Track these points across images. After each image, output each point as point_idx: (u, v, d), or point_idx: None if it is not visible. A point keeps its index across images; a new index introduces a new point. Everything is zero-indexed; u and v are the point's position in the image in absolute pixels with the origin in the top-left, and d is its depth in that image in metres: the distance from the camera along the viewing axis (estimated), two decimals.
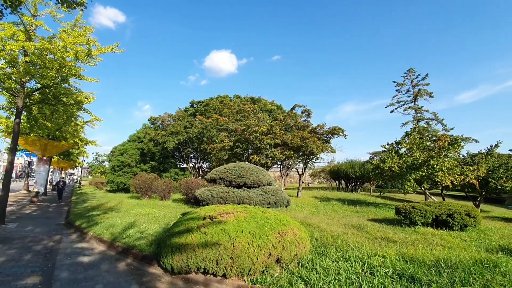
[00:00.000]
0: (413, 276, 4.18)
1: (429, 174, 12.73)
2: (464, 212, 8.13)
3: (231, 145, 21.43)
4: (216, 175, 13.37)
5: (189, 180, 15.86)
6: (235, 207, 5.53)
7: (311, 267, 4.52)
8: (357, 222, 9.13)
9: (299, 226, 5.17)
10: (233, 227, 4.40)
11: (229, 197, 11.78)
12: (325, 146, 19.05)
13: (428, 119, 34.84)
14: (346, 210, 13.02)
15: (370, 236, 7.10)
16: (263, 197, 12.14)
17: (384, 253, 5.30)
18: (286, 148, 19.44)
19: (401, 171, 13.23)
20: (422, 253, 5.34)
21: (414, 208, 8.64)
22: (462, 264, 4.64)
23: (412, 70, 37.15)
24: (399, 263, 4.78)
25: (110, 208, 12.14)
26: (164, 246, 4.66)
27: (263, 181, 12.99)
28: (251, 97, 41.42)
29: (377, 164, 14.72)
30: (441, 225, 8.28)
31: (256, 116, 23.39)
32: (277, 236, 4.40)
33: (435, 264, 4.69)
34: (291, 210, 12.30)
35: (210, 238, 4.26)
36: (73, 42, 9.14)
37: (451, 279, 4.08)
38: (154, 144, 29.54)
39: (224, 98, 38.46)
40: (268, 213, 5.17)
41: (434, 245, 6.25)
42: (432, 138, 15.11)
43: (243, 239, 4.13)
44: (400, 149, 14.65)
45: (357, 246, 5.81)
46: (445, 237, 7.05)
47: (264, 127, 19.53)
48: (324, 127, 20.51)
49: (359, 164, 28.47)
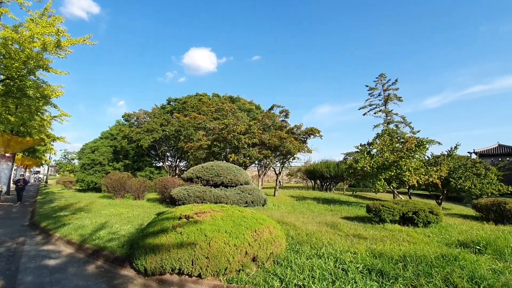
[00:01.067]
0: (382, 271, 4.41)
1: (397, 174, 13.51)
2: (428, 209, 8.72)
3: (209, 144, 21.20)
4: (193, 174, 13.17)
5: (165, 179, 15.46)
6: (212, 206, 5.50)
7: (287, 265, 4.62)
8: (331, 220, 9.43)
9: (275, 225, 5.26)
10: (209, 226, 4.37)
11: (206, 196, 11.66)
12: (302, 146, 19.46)
13: (397, 122, 36.85)
14: (321, 209, 13.40)
15: (343, 233, 7.37)
16: (241, 196, 12.16)
17: (356, 250, 5.53)
18: (264, 148, 19.60)
19: (372, 171, 13.90)
20: (390, 249, 5.64)
21: (383, 206, 9.11)
22: (426, 258, 4.95)
23: (384, 75, 39.06)
24: (369, 258, 5.01)
25: (79, 208, 11.53)
26: (138, 247, 4.52)
27: (241, 180, 13.00)
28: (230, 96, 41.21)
29: (350, 164, 15.32)
30: (407, 222, 8.81)
31: (234, 115, 23.32)
32: (253, 235, 4.45)
33: (402, 259, 4.96)
34: (268, 209, 12.44)
35: (186, 238, 4.21)
36: (41, 32, 8.55)
37: (416, 273, 4.36)
38: (128, 142, 28.41)
39: (203, 96, 37.92)
40: (245, 212, 5.21)
41: (401, 241, 6.63)
42: (401, 140, 16.02)
43: (219, 239, 4.13)
44: (372, 150, 15.39)
45: (330, 243, 6.01)
46: (411, 233, 7.49)
47: (243, 126, 19.54)
48: (301, 127, 20.94)
49: (333, 164, 29.39)
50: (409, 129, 35.12)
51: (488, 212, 10.79)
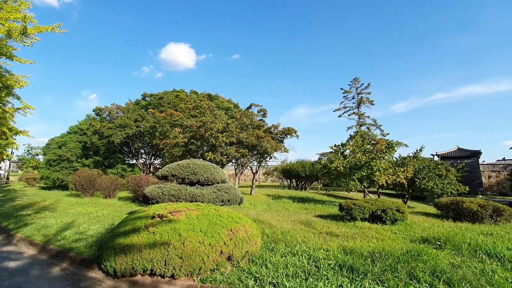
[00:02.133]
0: (352, 267, 4.59)
1: (368, 174, 14.16)
2: (395, 208, 9.22)
3: (186, 141, 20.76)
4: (168, 172, 12.82)
5: (138, 177, 14.91)
6: (187, 205, 5.40)
7: (261, 263, 4.66)
8: (305, 218, 9.65)
9: (251, 224, 5.28)
10: (184, 225, 4.29)
11: (182, 195, 11.42)
12: (278, 145, 19.70)
13: (369, 125, 38.52)
14: (296, 207, 13.67)
15: (316, 231, 7.58)
16: (217, 195, 12.05)
17: (328, 247, 5.71)
18: (241, 147, 19.58)
19: (345, 171, 14.45)
20: (360, 246, 5.90)
21: (354, 205, 9.50)
22: (392, 254, 5.22)
23: (357, 79, 40.69)
24: (341, 255, 5.20)
25: (44, 207, 10.81)
26: (107, 247, 4.32)
27: (217, 178, 12.89)
28: (208, 94, 40.63)
29: (325, 164, 15.80)
30: (376, 220, 9.26)
31: (212, 113, 23.04)
32: (229, 233, 4.43)
33: (371, 255, 5.21)
34: (244, 208, 12.46)
35: (159, 237, 4.09)
36: (5, 17, 7.88)
37: (383, 268, 4.59)
38: (99, 138, 26.97)
39: (180, 93, 37.02)
40: (221, 211, 5.17)
41: (370, 238, 6.94)
42: (372, 142, 16.82)
43: (194, 238, 4.06)
44: (345, 150, 15.99)
45: (304, 241, 6.15)
46: (379, 231, 7.88)
47: (221, 124, 19.37)
48: (279, 127, 21.20)
49: (309, 163, 30.11)
50: (379, 132, 36.88)
51: (448, 210, 11.65)
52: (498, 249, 5.81)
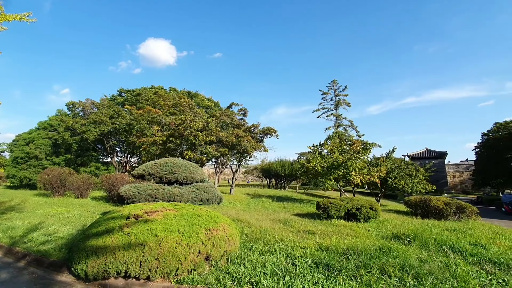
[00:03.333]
0: (328, 264, 4.72)
1: (345, 173, 14.64)
2: (369, 206, 9.61)
3: (164, 139, 20.23)
4: (144, 170, 12.44)
5: (113, 176, 14.33)
6: (164, 205, 5.28)
7: (240, 262, 4.66)
8: (284, 217, 9.79)
9: (230, 223, 5.27)
10: (161, 226, 4.19)
11: (159, 195, 11.13)
12: (258, 145, 19.79)
13: (346, 126, 39.84)
14: (275, 206, 13.83)
15: (294, 229, 7.71)
16: (196, 194, 11.88)
17: (305, 245, 5.84)
18: (221, 146, 19.44)
19: (323, 170, 14.83)
20: (336, 243, 6.08)
21: (331, 203, 9.78)
22: (365, 251, 5.45)
23: (335, 81, 41.92)
24: (317, 252, 5.33)
25: (10, 207, 10.19)
26: (78, 250, 4.13)
27: (196, 177, 12.70)
28: (188, 92, 39.89)
29: (303, 164, 16.12)
30: (351, 218, 9.60)
31: (192, 111, 22.65)
32: (207, 233, 4.39)
33: (346, 252, 5.38)
34: (224, 207, 12.40)
35: (134, 238, 3.97)
36: None
37: (357, 264, 4.77)
38: (72, 134, 25.60)
39: (159, 90, 36.01)
40: (199, 211, 5.11)
41: (345, 235, 7.18)
42: (348, 143, 17.38)
43: (171, 239, 3.98)
44: (323, 150, 16.41)
45: (282, 240, 6.24)
46: (354, 228, 8.17)
47: (200, 123, 19.09)
48: (259, 126, 21.29)
49: (288, 163, 30.54)
50: (355, 133, 38.26)
51: (417, 208, 12.34)
52: (461, 244, 6.25)
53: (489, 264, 5.17)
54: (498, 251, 5.86)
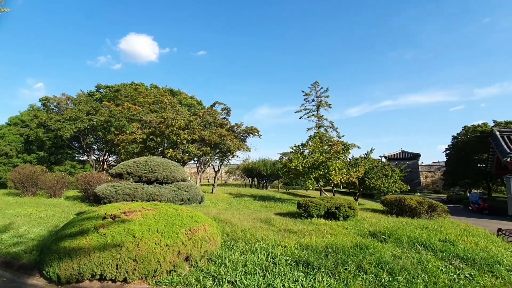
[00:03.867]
0: (308, 262, 4.82)
1: (325, 173, 14.98)
2: (347, 205, 9.90)
3: (144, 137, 19.68)
4: (123, 169, 12.04)
5: (89, 175, 13.75)
6: (143, 205, 5.15)
7: (221, 262, 4.65)
8: (265, 216, 9.85)
9: (211, 222, 5.23)
10: (139, 226, 4.08)
11: (138, 194, 10.82)
12: (241, 144, 19.78)
13: (327, 127, 40.70)
14: (256, 206, 13.88)
15: (276, 228, 7.78)
16: (176, 194, 11.67)
17: (286, 243, 5.91)
18: (203, 145, 19.22)
19: (304, 170, 15.08)
20: (315, 241, 6.21)
21: (311, 202, 9.97)
22: (344, 248, 5.61)
23: (317, 83, 42.78)
24: (297, 251, 5.42)
25: None
26: (50, 252, 3.93)
27: (177, 176, 12.48)
28: (170, 89, 39.08)
29: (285, 164, 16.30)
30: (331, 216, 9.84)
31: (174, 109, 22.21)
32: (188, 233, 4.33)
33: (325, 249, 5.52)
34: (205, 207, 12.28)
35: (111, 239, 3.84)
36: None
37: (336, 262, 4.90)
38: (45, 131, 24.30)
39: (139, 86, 34.98)
40: (180, 210, 5.03)
41: (324, 233, 7.35)
42: (329, 143, 17.78)
43: (150, 239, 3.89)
44: (305, 150, 16.70)
45: (263, 239, 6.28)
46: (333, 226, 8.38)
47: (182, 121, 18.77)
48: (242, 126, 21.28)
49: (270, 163, 30.73)
50: (336, 134, 39.17)
51: (392, 207, 12.85)
52: (432, 241, 6.58)
53: (457, 260, 5.50)
54: (465, 247, 6.23)
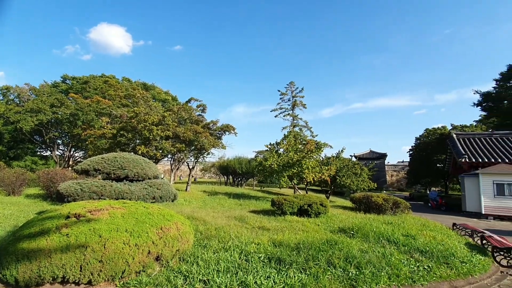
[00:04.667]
0: (280, 258, 4.92)
1: (299, 171, 15.33)
2: (319, 202, 10.23)
3: (114, 133, 18.72)
4: (90, 165, 11.38)
5: (52, 171, 12.84)
6: (111, 203, 4.91)
7: (193, 261, 4.59)
8: (240, 214, 9.87)
9: (183, 221, 5.13)
10: (106, 225, 3.89)
11: (106, 192, 10.29)
12: (217, 142, 19.57)
13: (301, 126, 41.67)
14: (231, 203, 13.85)
15: (250, 226, 7.83)
16: (148, 191, 11.28)
17: (259, 241, 5.97)
18: (178, 141, 18.74)
19: (278, 168, 15.31)
20: (288, 238, 6.35)
21: (285, 200, 10.17)
22: (314, 244, 5.79)
23: (293, 83, 43.64)
24: (270, 248, 5.51)
25: None
26: (7, 253, 3.62)
27: (149, 174, 12.06)
28: (144, 83, 37.65)
29: (260, 162, 16.43)
30: (303, 214, 10.10)
31: (147, 104, 21.39)
32: (159, 232, 4.21)
33: (297, 246, 5.66)
34: (178, 205, 12.02)
35: (74, 240, 3.62)
36: None
37: (307, 257, 5.05)
38: (4, 123, 22.23)
39: (110, 79, 33.24)
40: (151, 209, 4.87)
41: (297, 230, 7.53)
42: (303, 142, 18.21)
43: (117, 239, 3.73)
44: (279, 149, 16.95)
45: (237, 236, 6.29)
46: (305, 223, 8.61)
47: (156, 117, 18.13)
48: (217, 123, 21.05)
49: (245, 161, 30.77)
50: (310, 133, 40.16)
51: (360, 204, 13.49)
52: (396, 235, 7.02)
53: (417, 253, 5.92)
54: (424, 241, 6.73)
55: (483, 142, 21.77)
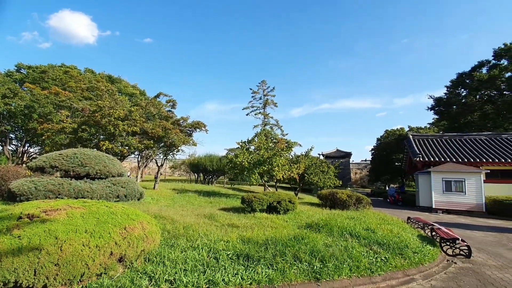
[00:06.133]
0: (248, 255, 4.99)
1: (269, 169, 15.58)
2: (288, 199, 10.52)
3: (75, 127, 17.41)
4: (46, 162, 10.49)
5: (4, 168, 11.60)
6: (69, 202, 4.60)
7: (159, 261, 4.49)
8: (210, 211, 9.81)
9: (150, 220, 4.98)
10: (63, 226, 3.65)
11: (64, 191, 9.58)
12: (187, 139, 19.13)
13: (272, 124, 42.41)
14: (201, 201, 13.66)
15: (219, 223, 7.83)
16: (111, 190, 10.71)
17: (229, 238, 6.00)
18: (146, 138, 17.99)
19: (249, 166, 15.42)
20: (257, 235, 6.46)
21: (255, 197, 10.30)
22: (282, 240, 5.96)
23: (265, 81, 44.19)
24: (239, 245, 5.56)
25: None
26: None
27: (113, 171, 11.44)
28: (109, 75, 35.48)
29: (231, 159, 16.42)
30: (272, 210, 10.32)
31: (112, 98, 20.17)
32: (122, 232, 4.04)
33: (265, 242, 5.78)
34: (145, 203, 11.58)
35: (27, 242, 3.35)
36: None
37: (274, 253, 5.18)
38: None
39: (71, 69, 30.82)
40: (114, 208, 4.65)
41: (266, 227, 7.68)
42: (274, 140, 18.53)
43: (76, 240, 3.52)
44: (250, 147, 17.08)
45: (206, 234, 6.26)
46: (274, 220, 8.82)
47: (122, 111, 17.20)
48: (188, 120, 20.57)
49: (217, 158, 30.49)
50: (280, 132, 41.05)
51: (327, 200, 14.11)
52: (357, 229, 7.47)
53: (376, 245, 6.36)
54: (382, 234, 7.24)
55: (435, 143, 23.91)
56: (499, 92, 33.99)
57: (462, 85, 36.74)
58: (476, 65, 35.85)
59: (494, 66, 33.79)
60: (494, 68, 33.37)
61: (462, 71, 37.17)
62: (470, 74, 35.46)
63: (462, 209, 16.89)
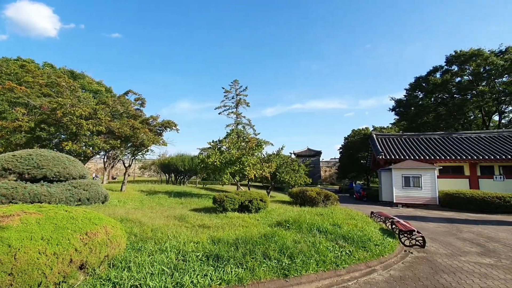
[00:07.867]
0: (218, 255, 4.99)
1: (240, 168, 15.62)
2: (259, 198, 10.67)
3: (33, 126, 16.01)
4: None
5: None
6: (24, 208, 4.26)
7: (124, 266, 4.33)
8: (180, 213, 9.61)
9: (114, 224, 4.78)
10: (17, 233, 3.38)
11: (18, 195, 8.79)
12: (157, 138, 18.50)
13: (245, 124, 42.55)
14: (171, 202, 13.33)
15: (190, 224, 7.71)
16: (72, 193, 10.03)
17: (199, 239, 5.95)
18: (112, 137, 17.08)
19: (221, 166, 15.34)
20: (227, 234, 6.47)
21: (226, 197, 10.30)
22: (252, 239, 6.03)
23: (237, 81, 44.15)
24: (209, 245, 5.54)
25: None
26: None
27: (74, 173, 10.73)
28: (71, 71, 33.16)
29: (203, 159, 16.21)
30: (244, 210, 10.40)
31: (74, 95, 18.87)
32: (83, 238, 3.84)
33: (236, 242, 5.81)
34: (111, 206, 11.03)
35: None
36: None
37: (244, 252, 5.24)
38: None
39: (28, 63, 28.28)
40: (74, 212, 4.40)
41: (237, 226, 7.73)
42: (245, 140, 18.61)
43: (31, 248, 3.28)
44: (222, 146, 17.00)
45: (175, 236, 6.14)
46: (245, 219, 8.89)
47: (86, 109, 16.16)
48: (158, 119, 19.90)
49: (188, 158, 29.84)
50: (253, 131, 41.34)
51: (297, 198, 14.53)
52: (325, 225, 7.79)
53: (341, 240, 6.70)
54: (348, 229, 7.63)
55: (395, 142, 25.66)
56: (450, 95, 37.42)
57: (419, 88, 39.87)
58: (431, 70, 39.17)
59: (446, 71, 37.13)
60: (447, 73, 36.67)
61: (420, 75, 40.39)
62: (426, 78, 38.60)
63: (419, 202, 18.35)
